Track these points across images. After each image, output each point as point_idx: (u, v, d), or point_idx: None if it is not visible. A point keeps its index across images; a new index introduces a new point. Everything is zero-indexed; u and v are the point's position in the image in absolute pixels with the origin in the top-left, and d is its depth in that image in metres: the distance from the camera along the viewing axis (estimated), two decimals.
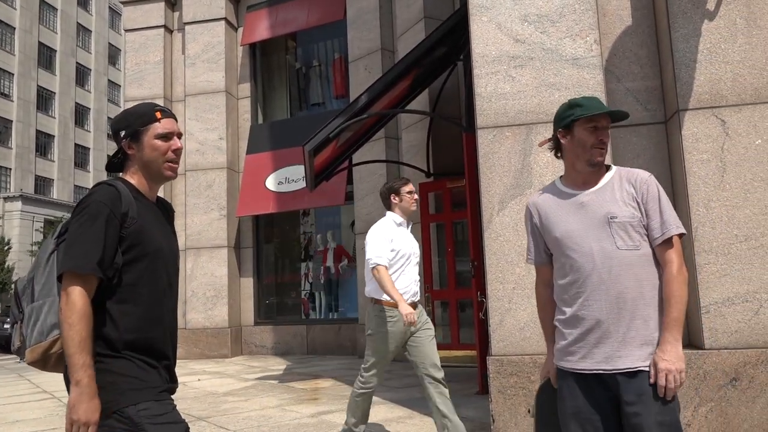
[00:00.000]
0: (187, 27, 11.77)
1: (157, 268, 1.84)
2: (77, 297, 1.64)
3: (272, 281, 11.93)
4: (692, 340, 3.91)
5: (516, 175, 4.06)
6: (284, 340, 11.20)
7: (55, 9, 46.54)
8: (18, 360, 13.96)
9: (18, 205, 39.61)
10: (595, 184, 2.12)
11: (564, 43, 4.11)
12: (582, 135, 2.09)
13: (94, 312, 1.68)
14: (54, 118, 45.46)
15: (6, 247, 36.74)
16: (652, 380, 1.94)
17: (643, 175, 2.09)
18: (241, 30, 12.08)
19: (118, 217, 1.75)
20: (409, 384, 6.65)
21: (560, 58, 4.10)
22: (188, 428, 1.77)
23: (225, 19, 11.65)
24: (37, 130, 43.67)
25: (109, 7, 53.15)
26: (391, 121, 9.43)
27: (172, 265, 1.92)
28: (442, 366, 3.90)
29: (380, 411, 5.26)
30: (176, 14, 12.15)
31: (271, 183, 11.27)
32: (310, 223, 12.09)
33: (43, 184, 44.17)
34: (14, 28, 42.37)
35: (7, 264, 36.67)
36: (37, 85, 44.09)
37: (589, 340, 2.01)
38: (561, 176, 2.31)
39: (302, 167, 11.21)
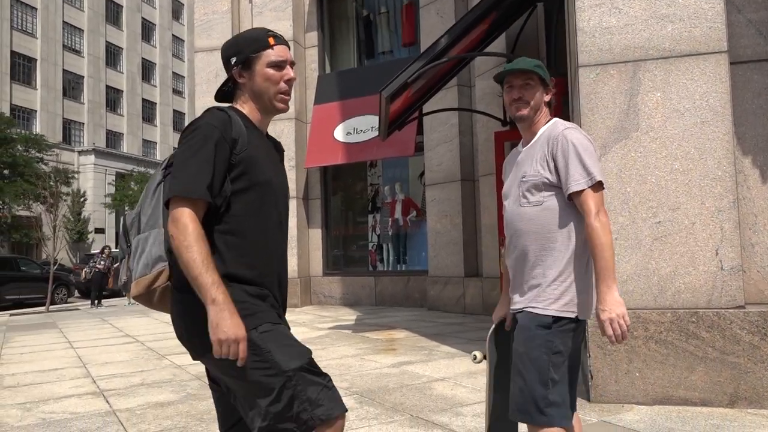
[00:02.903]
0: None
1: (267, 201, 1.69)
2: (188, 220, 1.52)
3: (340, 233, 11.94)
4: None
5: (621, 117, 3.75)
6: (352, 291, 11.25)
7: None
8: (91, 305, 14.64)
9: (91, 158, 41.14)
10: (529, 141, 2.20)
11: None
12: (505, 95, 2.19)
13: None
14: (122, 73, 46.58)
15: (82, 199, 38.41)
16: (601, 334, 2.04)
17: (558, 131, 2.08)
18: None
19: (229, 142, 1.61)
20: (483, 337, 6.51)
21: None
22: (311, 352, 1.65)
23: None
24: (106, 85, 44.90)
25: None
26: (464, 68, 9.08)
27: (282, 203, 1.77)
28: None
29: (463, 362, 5.16)
30: None
31: (339, 133, 11.15)
32: (377, 174, 11.95)
33: (113, 138, 45.64)
34: None
35: (83, 215, 38.41)
36: (106, 41, 45.11)
37: (512, 286, 2.18)
38: None
39: (370, 117, 11.03)
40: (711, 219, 3.60)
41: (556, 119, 2.17)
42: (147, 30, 49.99)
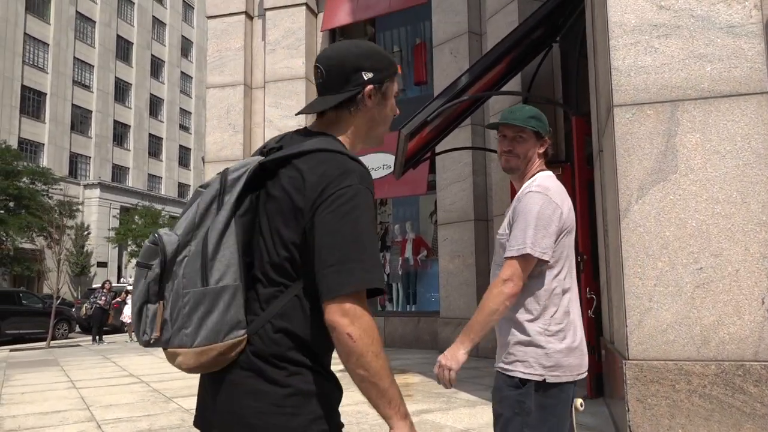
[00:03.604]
0: (267, 13, 11.68)
1: None
2: (370, 319, 1.23)
3: None
4: None
5: (658, 158, 3.62)
6: None
7: (132, 3, 48.06)
8: (92, 342, 14.28)
9: (96, 192, 41.21)
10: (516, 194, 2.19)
11: (717, 9, 3.62)
12: (498, 143, 2.19)
13: (309, 321, 1.30)
14: (130, 108, 47.02)
15: (86, 232, 38.32)
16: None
17: (522, 192, 2.07)
18: (321, 16, 11.90)
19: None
20: None
21: (712, 25, 3.62)
22: None
23: (306, 4, 11.48)
24: (114, 120, 45.27)
25: (183, 1, 54.50)
26: (478, 108, 9.03)
27: None
28: None
29: (485, 411, 4.92)
30: (257, 1, 12.08)
31: None
32: (387, 212, 11.84)
33: (119, 172, 45.80)
34: (95, 22, 43.98)
35: (86, 249, 38.25)
36: (115, 77, 45.66)
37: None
38: None
39: (382, 155, 10.95)
40: (756, 266, 3.43)
41: (540, 174, 2.12)
42: (156, 66, 50.66)
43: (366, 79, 1.38)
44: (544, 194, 2.02)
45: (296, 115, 1.53)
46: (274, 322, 1.29)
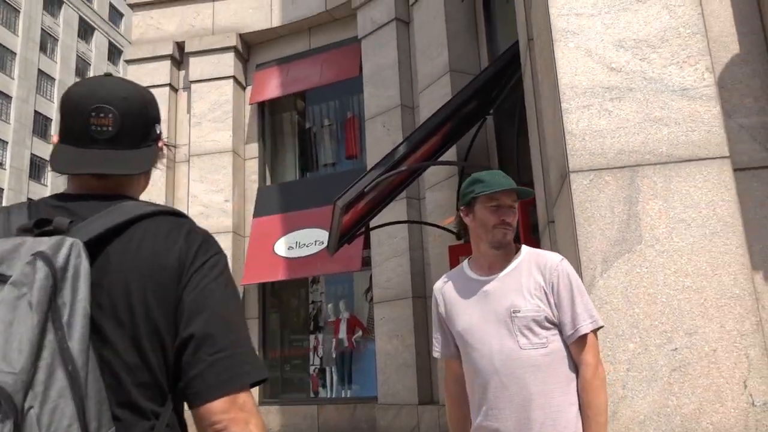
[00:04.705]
0: (193, 85, 11.29)
1: None
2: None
3: (278, 355, 10.95)
4: None
5: (621, 227, 3.32)
6: (292, 423, 10.11)
7: (53, 79, 46.77)
8: None
9: None
10: (502, 269, 1.94)
11: (669, 71, 3.46)
12: (483, 214, 1.93)
13: None
14: (46, 186, 44.85)
15: None
16: None
17: (554, 261, 1.91)
18: (249, 89, 11.60)
19: None
20: None
21: (666, 88, 3.44)
22: None
23: (233, 77, 11.19)
24: (28, 198, 42.99)
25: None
26: (413, 182, 8.79)
27: None
28: None
29: None
30: (182, 73, 11.69)
31: (280, 248, 10.48)
32: (319, 291, 11.24)
33: None
34: (11, 98, 42.35)
35: None
36: (31, 153, 43.72)
37: None
38: (469, 257, 2.11)
39: (314, 230, 10.46)
40: (734, 345, 3.11)
41: (524, 246, 2.02)
42: None
43: (158, 132, 1.20)
44: (568, 262, 1.90)
45: (92, 174, 1.06)
46: None
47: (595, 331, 1.84)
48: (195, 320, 0.94)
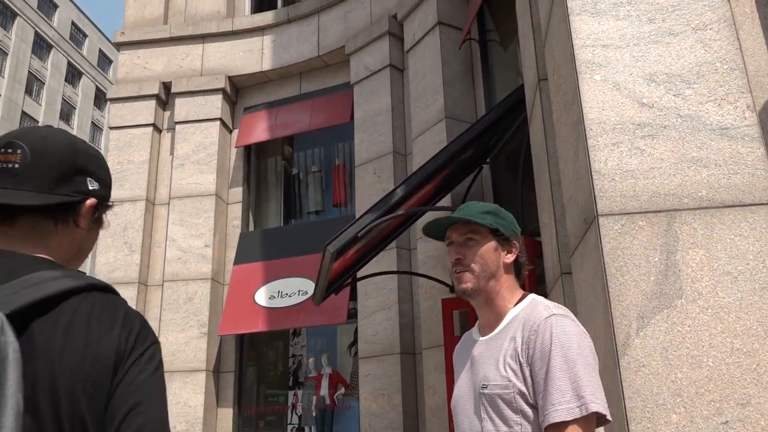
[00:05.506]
0: (178, 126, 10.93)
1: None
2: None
3: (253, 412, 10.25)
4: None
5: (659, 279, 2.92)
6: None
7: (36, 121, 46.34)
8: None
9: None
10: (495, 327, 1.57)
11: (707, 108, 3.15)
12: (447, 257, 1.64)
13: None
14: None
15: None
16: None
17: (538, 316, 1.45)
18: (236, 132, 11.27)
19: None
20: None
21: (703, 126, 3.12)
22: None
23: (220, 119, 10.86)
24: None
25: (92, 122, 53.34)
26: (406, 230, 8.40)
27: None
28: None
29: None
30: (167, 113, 11.34)
31: (261, 297, 9.93)
32: (300, 344, 10.64)
33: None
34: None
35: None
36: None
37: None
38: None
39: (297, 280, 9.96)
40: None
41: (533, 296, 1.59)
42: None
43: (91, 189, 1.11)
44: (572, 319, 1.39)
45: None
46: None
47: (583, 421, 1.33)
48: (128, 422, 0.84)
